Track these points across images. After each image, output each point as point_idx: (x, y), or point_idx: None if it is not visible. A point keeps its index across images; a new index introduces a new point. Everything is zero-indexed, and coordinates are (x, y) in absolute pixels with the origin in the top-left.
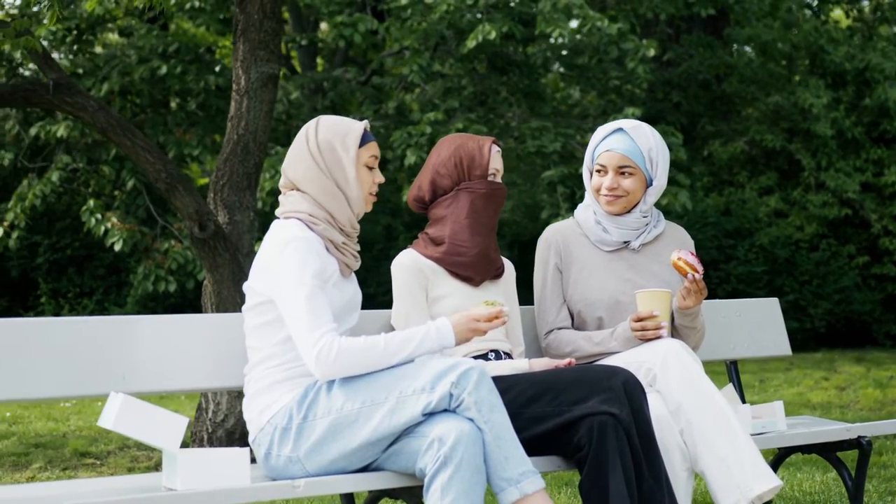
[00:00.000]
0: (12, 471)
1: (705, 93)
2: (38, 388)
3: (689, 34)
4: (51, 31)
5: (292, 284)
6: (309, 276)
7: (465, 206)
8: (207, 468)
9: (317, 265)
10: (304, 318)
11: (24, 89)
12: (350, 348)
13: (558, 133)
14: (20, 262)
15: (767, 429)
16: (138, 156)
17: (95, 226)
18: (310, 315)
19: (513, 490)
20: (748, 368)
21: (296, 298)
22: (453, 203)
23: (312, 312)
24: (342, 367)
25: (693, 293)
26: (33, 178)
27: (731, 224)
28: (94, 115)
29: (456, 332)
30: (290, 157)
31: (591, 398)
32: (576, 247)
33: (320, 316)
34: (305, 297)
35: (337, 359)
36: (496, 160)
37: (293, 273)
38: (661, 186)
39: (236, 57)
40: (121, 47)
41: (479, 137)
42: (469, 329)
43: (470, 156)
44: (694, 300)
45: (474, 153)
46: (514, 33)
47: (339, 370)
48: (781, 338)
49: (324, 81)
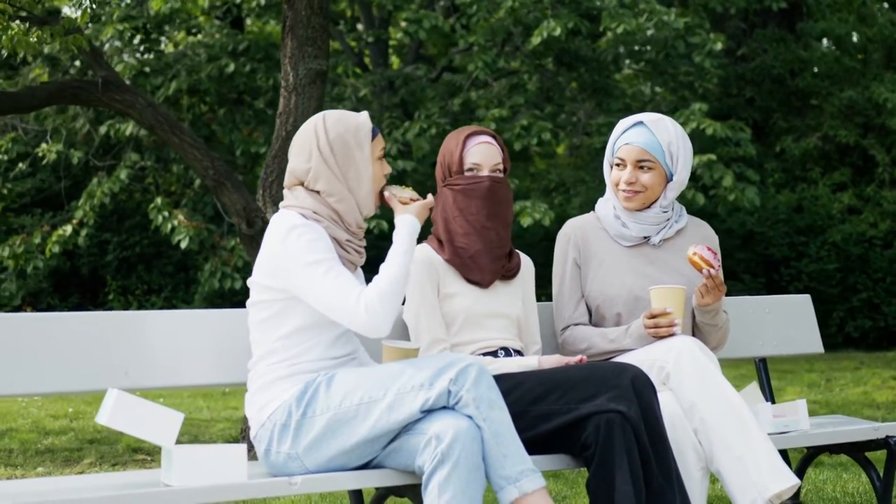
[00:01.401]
0: (63, 465)
1: (779, 88)
2: (42, 382)
3: (762, 29)
4: (118, 30)
5: (306, 266)
6: (321, 253)
7: (450, 204)
8: (204, 464)
9: (325, 242)
10: (333, 290)
11: (72, 87)
12: (386, 289)
13: None
14: (90, 260)
15: (790, 428)
16: (186, 153)
17: (163, 223)
18: (337, 283)
19: (511, 488)
20: (817, 367)
21: (314, 277)
22: (439, 202)
23: (338, 280)
24: (390, 309)
25: (710, 290)
26: (103, 176)
27: (803, 221)
28: (142, 112)
29: (419, 218)
30: (297, 154)
31: (599, 396)
32: (595, 241)
33: (347, 281)
34: (325, 272)
35: (382, 304)
36: (476, 154)
37: (302, 256)
38: (682, 181)
39: (284, 53)
40: (191, 46)
41: (465, 130)
42: (425, 216)
43: (449, 151)
44: (712, 297)
45: (452, 148)
46: (580, 29)
47: (390, 313)
48: (813, 335)
49: (395, 79)
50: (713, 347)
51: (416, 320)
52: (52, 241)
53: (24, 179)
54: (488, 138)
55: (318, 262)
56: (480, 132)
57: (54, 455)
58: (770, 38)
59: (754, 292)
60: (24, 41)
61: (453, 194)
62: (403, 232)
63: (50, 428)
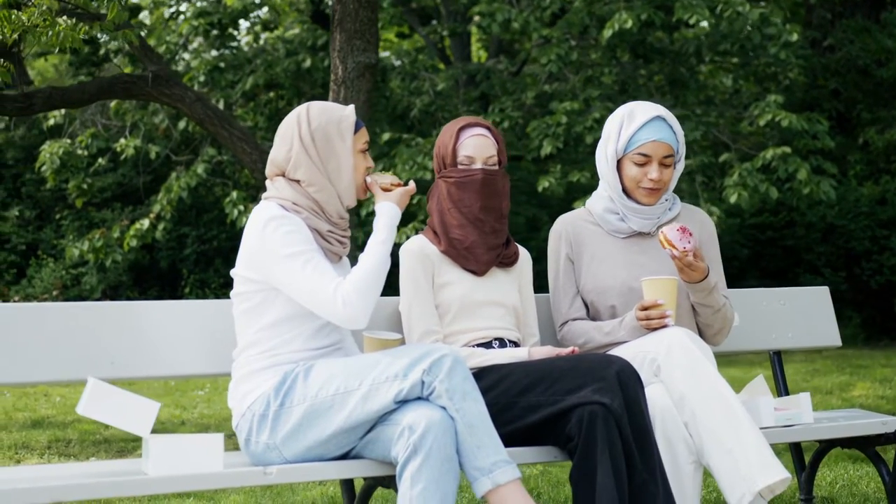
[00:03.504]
0: (118, 456)
1: (863, 79)
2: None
3: (847, 19)
4: (192, 26)
5: (284, 258)
6: (299, 245)
7: (444, 196)
8: (179, 454)
9: (303, 234)
10: (310, 282)
11: (123, 81)
12: (363, 280)
13: (699, 122)
14: (169, 254)
15: (792, 421)
16: (235, 146)
17: (238, 217)
18: (315, 275)
19: (485, 480)
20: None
21: (293, 269)
22: (435, 194)
23: (316, 272)
24: (368, 300)
25: (681, 269)
26: (181, 170)
27: (885, 213)
28: (192, 105)
29: (399, 205)
30: (279, 143)
31: (584, 388)
32: (586, 235)
33: (326, 273)
34: (303, 264)
35: (359, 295)
36: (469, 146)
37: (279, 248)
38: (680, 170)
39: (333, 47)
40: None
41: (460, 122)
42: (406, 203)
43: (443, 143)
44: (687, 276)
45: (446, 140)
46: (653, 21)
47: (368, 305)
48: (830, 327)
49: (476, 73)
50: (715, 333)
51: (408, 311)
52: (130, 236)
53: (105, 175)
54: (482, 130)
55: (296, 255)
56: (474, 124)
57: (110, 445)
58: (855, 28)
59: (834, 286)
60: (71, 36)
61: (447, 186)
62: (382, 221)
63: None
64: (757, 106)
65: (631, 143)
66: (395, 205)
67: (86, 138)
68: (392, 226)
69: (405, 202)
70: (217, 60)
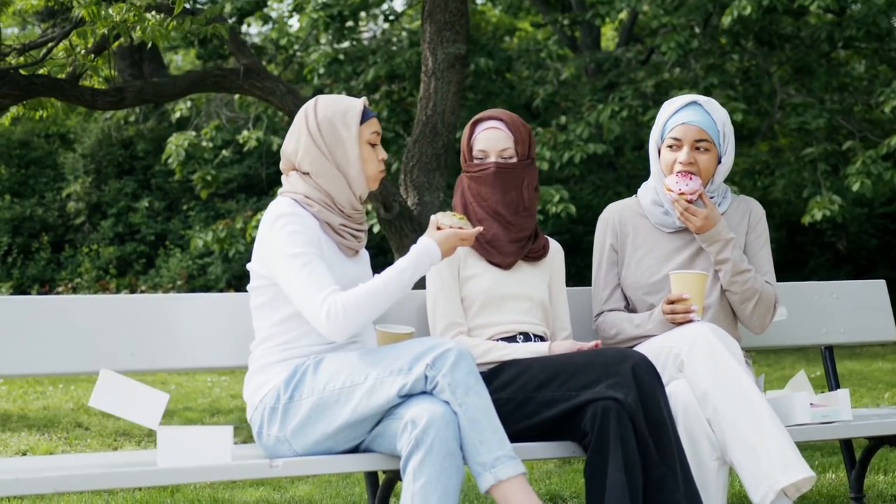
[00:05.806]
0: None
1: None
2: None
3: None
4: (312, 19)
5: (285, 258)
6: (301, 247)
7: (466, 191)
8: (189, 445)
9: (308, 235)
10: (304, 286)
11: (214, 75)
12: (356, 300)
13: (823, 109)
14: None
15: (829, 418)
16: None
17: None
18: (309, 281)
19: (487, 475)
20: None
21: (291, 270)
22: (459, 188)
23: (311, 278)
24: (354, 320)
25: (683, 215)
26: None
27: None
28: (283, 98)
29: (442, 248)
30: (289, 137)
31: (599, 383)
32: (633, 227)
33: (320, 280)
34: (301, 266)
35: (346, 313)
36: (482, 140)
37: (284, 247)
38: (729, 164)
39: (424, 38)
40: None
41: (479, 115)
42: (454, 245)
43: (464, 138)
44: (690, 222)
45: (465, 135)
46: (775, 6)
47: (351, 324)
48: (886, 322)
49: (604, 61)
50: (750, 313)
51: (433, 304)
52: (252, 227)
53: (231, 166)
54: (496, 123)
55: (296, 255)
56: (489, 117)
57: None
58: None
59: None
60: (160, 31)
61: (468, 181)
62: (412, 252)
63: (224, 407)
64: (883, 92)
65: (665, 129)
66: (435, 242)
67: (210, 130)
68: (418, 258)
69: (451, 244)
70: (336, 53)
